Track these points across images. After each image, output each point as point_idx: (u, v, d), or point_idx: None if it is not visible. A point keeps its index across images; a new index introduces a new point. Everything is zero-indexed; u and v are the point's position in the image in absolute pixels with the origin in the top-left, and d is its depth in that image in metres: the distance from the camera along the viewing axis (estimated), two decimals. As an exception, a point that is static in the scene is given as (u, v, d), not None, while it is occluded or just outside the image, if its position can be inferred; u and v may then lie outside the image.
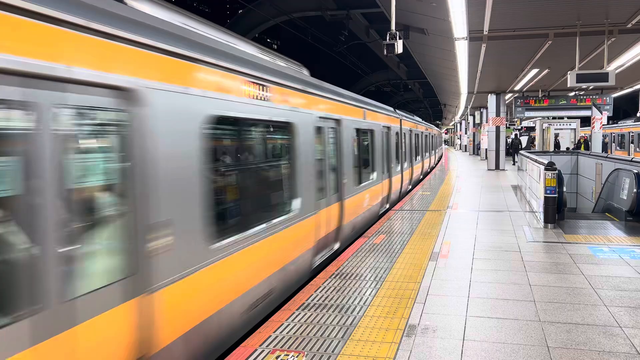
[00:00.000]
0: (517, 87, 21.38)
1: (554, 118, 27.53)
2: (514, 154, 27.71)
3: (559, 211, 9.31)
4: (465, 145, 48.46)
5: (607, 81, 11.34)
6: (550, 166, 9.01)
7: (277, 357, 3.94)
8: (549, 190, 8.95)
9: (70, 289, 2.63)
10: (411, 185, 17.08)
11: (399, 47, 9.24)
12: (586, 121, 27.25)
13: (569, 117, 26.51)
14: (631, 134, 29.85)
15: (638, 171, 9.93)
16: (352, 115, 8.70)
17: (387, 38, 9.27)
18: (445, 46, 13.67)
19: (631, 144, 29.66)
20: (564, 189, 10.93)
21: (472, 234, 8.62)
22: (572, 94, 21.47)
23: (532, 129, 33.19)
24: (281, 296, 5.55)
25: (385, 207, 11.86)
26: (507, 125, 29.75)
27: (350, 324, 4.59)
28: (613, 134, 33.64)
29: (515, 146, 28.36)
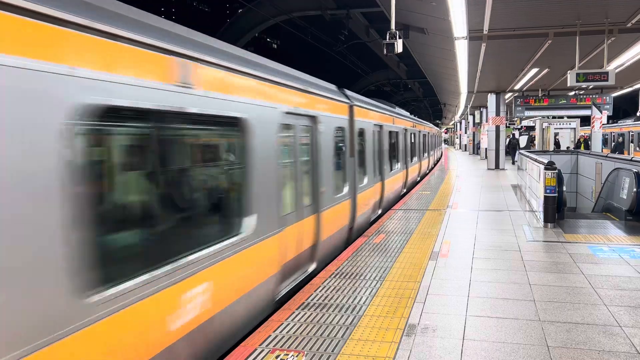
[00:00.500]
0: (517, 87, 21.38)
1: (553, 117, 27.55)
2: (512, 153, 27.72)
3: (558, 210, 9.32)
4: (465, 145, 48.47)
5: (607, 80, 11.35)
6: (550, 165, 9.01)
7: (277, 357, 3.94)
8: (548, 189, 8.95)
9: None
10: (406, 189, 15.60)
11: (398, 47, 9.24)
12: (586, 120, 27.27)
13: (569, 117, 26.52)
14: (631, 133, 29.86)
15: (638, 170, 9.93)
16: (334, 112, 7.61)
17: (387, 37, 9.28)
18: (445, 45, 13.67)
19: (631, 143, 29.67)
20: (564, 188, 10.93)
21: (472, 233, 8.62)
22: (572, 93, 21.46)
23: (532, 128, 33.20)
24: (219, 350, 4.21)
25: (377, 212, 10.89)
26: (507, 125, 29.73)
27: (350, 324, 4.59)
28: (631, 133, 33.63)
29: (513, 146, 28.36)
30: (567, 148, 23.91)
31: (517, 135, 32.06)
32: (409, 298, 5.27)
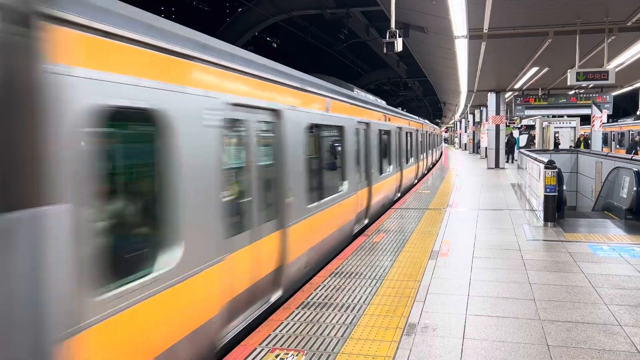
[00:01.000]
0: (517, 86, 21.37)
1: (553, 116, 27.53)
2: (510, 153, 27.71)
3: (558, 210, 9.31)
4: (465, 144, 48.47)
5: (607, 79, 11.34)
6: (550, 164, 9.00)
7: (276, 356, 3.94)
8: (548, 188, 8.94)
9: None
10: (400, 193, 14.17)
11: (398, 46, 9.22)
12: (586, 119, 27.26)
13: (569, 116, 26.50)
14: (631, 132, 29.85)
15: (638, 169, 9.92)
16: (305, 105, 6.24)
17: (387, 36, 9.26)
18: (445, 44, 13.65)
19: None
20: (564, 187, 10.93)
21: (472, 232, 8.62)
22: (572, 92, 21.44)
23: (532, 127, 33.19)
24: None
25: (364, 222, 9.59)
26: (507, 124, 29.72)
27: (350, 323, 4.59)
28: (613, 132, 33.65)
29: (510, 145, 28.34)
30: (570, 147, 23.89)
31: (515, 134, 32.05)
32: (409, 297, 5.26)
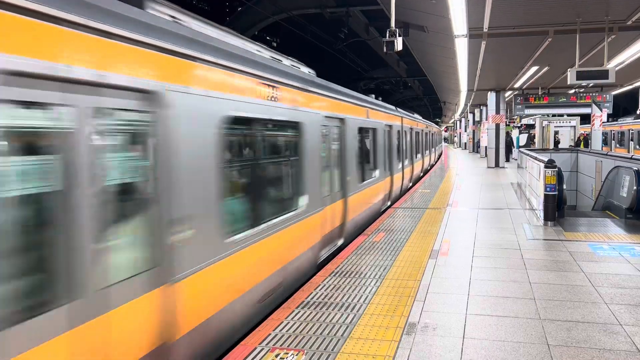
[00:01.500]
0: (517, 85, 21.36)
1: (553, 115, 27.53)
2: (507, 151, 27.70)
3: (558, 209, 9.31)
4: (465, 143, 48.46)
5: (607, 78, 11.32)
6: (550, 164, 9.00)
7: (276, 356, 3.93)
8: (548, 187, 8.94)
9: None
10: (390, 201, 12.72)
11: (398, 45, 9.20)
12: (586, 119, 27.26)
13: (569, 115, 26.51)
14: (631, 131, 29.84)
15: (638, 169, 9.92)
16: (239, 92, 4.57)
17: (387, 35, 9.24)
18: (445, 44, 13.64)
19: (630, 142, 29.66)
20: (564, 186, 10.92)
21: (472, 231, 8.61)
22: (572, 91, 21.44)
23: (532, 126, 33.20)
24: None
25: (338, 242, 7.83)
26: (507, 123, 29.71)
27: (350, 322, 4.58)
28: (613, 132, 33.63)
29: (507, 144, 28.33)
30: (570, 147, 23.90)
31: (515, 133, 32.04)
32: (409, 296, 5.26)
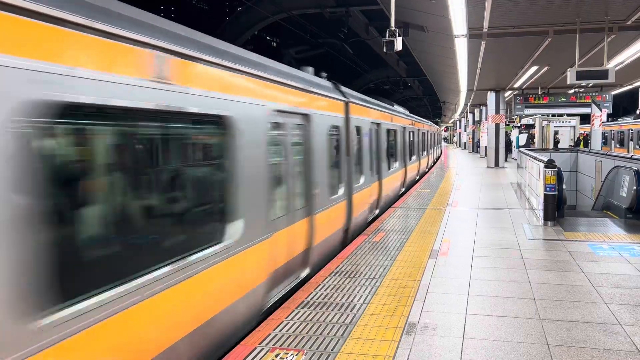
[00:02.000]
0: (517, 85, 21.36)
1: (553, 115, 27.53)
2: (506, 152, 27.69)
3: (558, 209, 9.31)
4: (465, 143, 48.46)
5: (607, 78, 11.32)
6: (550, 163, 9.00)
7: (276, 356, 3.93)
8: (548, 187, 8.94)
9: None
10: (378, 209, 11.12)
11: (398, 45, 9.19)
12: (586, 118, 27.27)
13: (569, 115, 26.51)
14: (630, 131, 29.84)
15: (638, 168, 9.92)
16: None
17: (387, 35, 9.23)
18: (445, 43, 13.64)
19: (630, 141, 29.67)
20: (564, 186, 10.92)
21: (471, 231, 8.61)
22: (572, 91, 21.44)
23: (532, 126, 33.21)
24: None
25: (301, 274, 6.23)
26: (507, 123, 29.71)
27: (350, 322, 4.58)
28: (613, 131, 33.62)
29: (506, 144, 28.33)
30: (570, 146, 23.90)
31: (515, 133, 32.02)
32: (408, 296, 5.26)
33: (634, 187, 9.71)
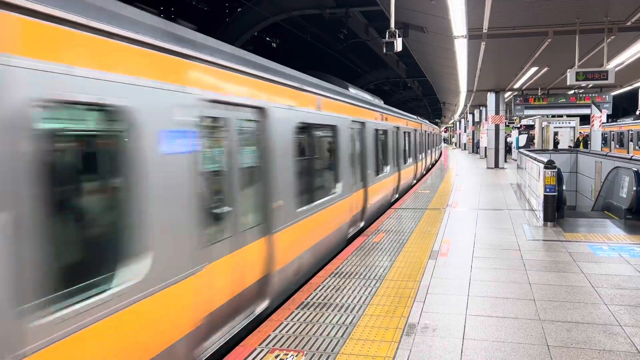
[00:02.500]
0: (517, 85, 21.36)
1: (553, 116, 27.53)
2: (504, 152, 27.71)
3: (558, 209, 9.31)
4: (465, 144, 48.47)
5: (606, 79, 11.33)
6: (549, 164, 9.00)
7: (276, 357, 3.93)
8: (548, 188, 8.94)
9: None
10: (364, 221, 9.55)
11: (398, 46, 9.20)
12: (585, 119, 27.27)
13: (569, 115, 26.50)
14: (630, 132, 29.85)
15: (637, 169, 9.92)
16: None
17: (387, 36, 9.23)
18: (445, 44, 13.64)
19: (630, 142, 29.68)
20: (564, 187, 10.92)
21: (471, 232, 8.61)
22: (572, 92, 21.45)
23: (532, 127, 33.22)
24: None
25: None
26: (507, 123, 29.72)
27: (350, 323, 4.58)
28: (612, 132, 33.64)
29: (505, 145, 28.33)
30: (570, 147, 23.92)
31: (515, 134, 32.04)
32: (408, 297, 5.26)
33: (634, 188, 9.71)
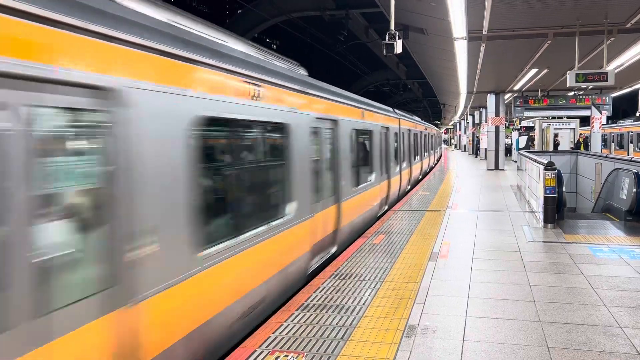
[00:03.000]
0: (517, 87, 21.38)
1: (553, 118, 27.56)
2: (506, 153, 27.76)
3: (558, 211, 9.31)
4: (465, 145, 48.49)
5: (606, 81, 11.35)
6: (549, 166, 9.01)
7: (276, 358, 3.93)
8: (548, 190, 8.95)
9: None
10: (337, 246, 7.67)
11: (398, 47, 9.21)
12: (585, 121, 27.29)
13: (568, 117, 26.52)
14: (630, 133, 29.86)
15: (637, 171, 9.93)
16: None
17: (387, 38, 9.25)
18: (445, 46, 13.66)
19: (630, 144, 29.68)
20: (564, 188, 10.93)
21: (471, 234, 8.61)
22: (572, 93, 21.47)
23: (532, 128, 33.25)
24: None
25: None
26: (507, 125, 29.75)
27: (350, 325, 4.58)
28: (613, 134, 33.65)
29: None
30: (571, 149, 23.96)
31: (515, 136, 32.08)
32: (408, 299, 5.26)
33: (634, 190, 9.72)
